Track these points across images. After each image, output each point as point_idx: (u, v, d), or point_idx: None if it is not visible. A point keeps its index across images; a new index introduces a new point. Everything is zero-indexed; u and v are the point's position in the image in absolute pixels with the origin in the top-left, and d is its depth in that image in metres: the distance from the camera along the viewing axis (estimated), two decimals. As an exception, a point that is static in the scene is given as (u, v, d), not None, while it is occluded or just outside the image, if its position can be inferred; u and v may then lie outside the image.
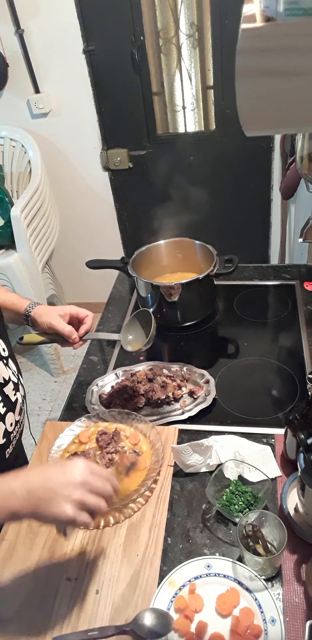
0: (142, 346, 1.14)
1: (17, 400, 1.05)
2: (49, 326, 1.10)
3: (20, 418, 1.07)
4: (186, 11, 2.29)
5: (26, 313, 1.12)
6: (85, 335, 1.14)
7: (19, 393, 1.06)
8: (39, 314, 1.11)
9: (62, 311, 1.12)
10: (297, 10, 0.46)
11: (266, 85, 0.50)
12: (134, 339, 1.18)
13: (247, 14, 0.51)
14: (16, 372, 1.08)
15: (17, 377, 1.07)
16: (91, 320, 1.15)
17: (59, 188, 2.81)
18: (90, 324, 1.14)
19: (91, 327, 1.15)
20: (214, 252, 1.44)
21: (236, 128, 0.80)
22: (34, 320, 1.12)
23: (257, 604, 0.79)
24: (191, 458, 1.00)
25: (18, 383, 1.07)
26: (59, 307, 1.13)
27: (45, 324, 1.10)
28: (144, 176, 2.70)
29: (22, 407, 1.08)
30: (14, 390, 1.04)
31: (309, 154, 1.22)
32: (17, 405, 1.04)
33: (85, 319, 1.14)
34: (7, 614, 0.82)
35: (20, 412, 1.07)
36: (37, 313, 1.11)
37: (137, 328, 1.18)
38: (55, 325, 1.09)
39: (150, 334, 1.13)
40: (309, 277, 1.59)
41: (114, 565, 0.87)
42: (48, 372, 2.89)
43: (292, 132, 1.98)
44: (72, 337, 1.10)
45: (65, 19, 2.33)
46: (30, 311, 1.12)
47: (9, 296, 1.16)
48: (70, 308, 1.14)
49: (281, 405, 1.16)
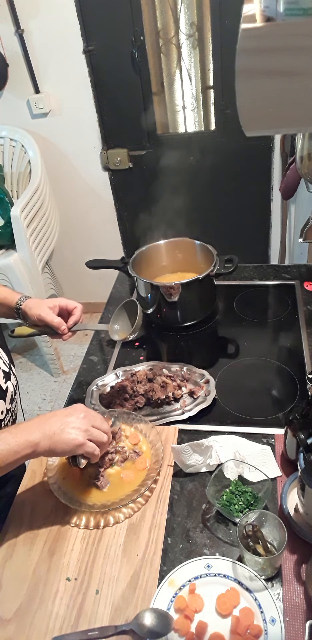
0: (128, 335, 1.16)
1: (8, 389, 1.05)
2: (38, 318, 1.11)
3: (12, 407, 1.08)
4: (185, 11, 2.29)
5: (17, 306, 1.14)
6: (74, 327, 1.15)
7: (10, 382, 1.07)
8: (29, 306, 1.13)
9: (51, 303, 1.14)
10: (297, 10, 0.46)
11: (266, 85, 0.50)
12: (121, 328, 1.20)
13: (247, 14, 0.51)
14: (7, 362, 1.09)
15: (8, 367, 1.08)
16: (80, 311, 1.16)
17: (59, 188, 2.81)
18: (79, 316, 1.16)
19: (80, 318, 1.16)
20: (214, 252, 1.44)
21: (236, 128, 0.80)
22: (25, 313, 1.13)
23: (257, 604, 0.78)
24: (191, 458, 1.00)
25: (9, 372, 1.08)
26: (49, 300, 1.15)
27: (35, 316, 1.11)
28: (144, 176, 2.70)
29: (14, 396, 1.09)
30: (4, 378, 1.04)
31: (309, 154, 1.22)
32: (7, 394, 1.05)
33: (74, 311, 1.16)
34: (7, 614, 0.82)
35: (12, 401, 1.07)
36: (27, 306, 1.13)
37: (124, 318, 1.21)
38: (45, 317, 1.11)
39: (136, 324, 1.15)
40: (309, 277, 1.59)
41: (114, 565, 0.87)
42: (48, 372, 2.89)
43: (292, 132, 1.98)
44: (61, 328, 1.12)
45: (65, 19, 2.33)
46: (21, 304, 1.14)
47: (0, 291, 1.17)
48: (60, 300, 1.15)
49: (281, 405, 1.16)
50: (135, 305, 1.17)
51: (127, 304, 1.21)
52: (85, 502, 0.96)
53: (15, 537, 0.93)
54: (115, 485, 0.99)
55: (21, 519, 0.96)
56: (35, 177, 2.56)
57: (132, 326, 1.16)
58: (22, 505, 0.99)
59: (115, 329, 1.20)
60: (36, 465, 1.07)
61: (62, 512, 0.96)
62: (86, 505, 0.95)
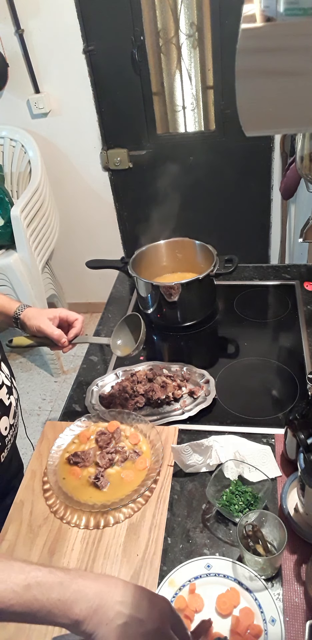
0: (131, 351, 1.13)
1: (11, 404, 1.04)
2: (37, 329, 1.07)
3: (15, 421, 1.07)
4: (185, 11, 2.29)
5: (15, 316, 1.10)
6: (74, 339, 1.12)
7: (12, 397, 1.05)
8: (28, 316, 1.09)
9: (51, 314, 1.10)
10: (297, 10, 0.46)
11: (266, 85, 0.50)
12: (123, 343, 1.17)
13: (247, 14, 0.51)
14: (9, 376, 1.07)
15: (10, 381, 1.07)
16: (81, 323, 1.12)
17: (59, 188, 2.81)
18: (79, 328, 1.12)
19: (81, 330, 1.12)
20: (214, 252, 1.44)
21: (236, 128, 0.80)
22: (24, 323, 1.09)
23: (257, 604, 0.78)
24: (191, 458, 1.00)
25: (11, 387, 1.06)
26: (49, 310, 1.11)
27: (34, 327, 1.07)
28: (144, 176, 2.70)
29: (16, 410, 1.08)
30: (8, 394, 1.03)
31: (309, 154, 1.22)
32: (11, 409, 1.04)
33: (75, 323, 1.12)
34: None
35: (15, 416, 1.06)
36: (26, 316, 1.09)
37: (126, 333, 1.17)
38: (44, 329, 1.07)
39: (139, 339, 1.12)
40: (309, 277, 1.59)
41: (114, 565, 0.87)
42: (48, 372, 2.89)
43: (292, 132, 1.98)
44: (61, 340, 1.08)
45: (65, 19, 2.33)
46: (19, 314, 1.09)
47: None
48: (60, 311, 1.11)
49: (281, 405, 1.16)
50: (138, 319, 1.14)
51: (129, 318, 1.18)
52: (85, 502, 0.96)
53: (15, 537, 0.93)
54: (115, 485, 0.99)
55: (21, 519, 0.96)
56: (35, 177, 2.56)
57: (136, 341, 1.13)
58: (22, 505, 0.99)
59: (117, 344, 1.17)
60: (36, 465, 1.07)
61: (62, 512, 0.96)
62: (86, 505, 0.95)
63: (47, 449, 1.09)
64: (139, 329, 1.13)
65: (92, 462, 1.04)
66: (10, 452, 1.05)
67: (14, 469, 1.15)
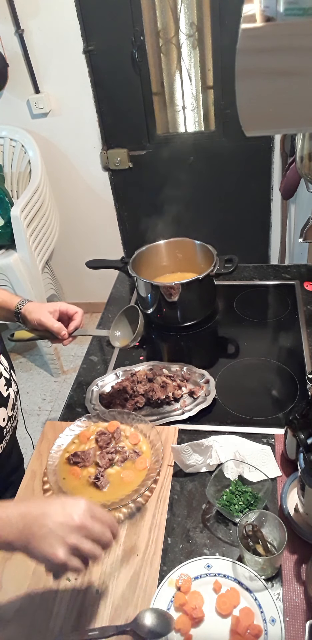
0: (129, 342, 1.15)
1: (10, 396, 1.05)
2: (38, 322, 1.10)
3: (13, 413, 1.08)
4: (185, 11, 2.29)
5: (17, 310, 1.13)
6: (74, 332, 1.14)
7: (11, 389, 1.06)
8: (29, 310, 1.12)
9: (51, 308, 1.13)
10: (297, 10, 0.46)
11: (266, 85, 0.50)
12: (122, 335, 1.19)
13: (247, 14, 0.51)
14: (8, 368, 1.09)
15: (9, 373, 1.08)
16: (81, 317, 1.16)
17: (59, 188, 2.81)
18: (79, 321, 1.15)
19: (81, 323, 1.16)
20: (214, 252, 1.44)
21: (236, 128, 0.80)
22: (25, 317, 1.12)
23: (257, 604, 0.79)
24: (191, 458, 1.00)
25: (10, 379, 1.08)
26: (49, 304, 1.14)
27: (34, 320, 1.10)
28: (144, 176, 2.70)
29: (15, 402, 1.09)
30: (6, 385, 1.04)
31: (309, 154, 1.22)
32: (9, 401, 1.04)
33: (75, 316, 1.15)
34: (7, 614, 0.82)
35: (13, 408, 1.07)
36: (27, 310, 1.12)
37: (125, 324, 1.20)
38: (45, 322, 1.10)
39: (137, 330, 1.14)
40: (309, 277, 1.59)
41: (114, 565, 0.87)
42: (48, 372, 2.89)
43: (292, 132, 1.98)
44: (61, 333, 1.11)
45: (65, 19, 2.33)
46: (20, 308, 1.12)
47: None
48: (60, 305, 1.15)
49: (281, 405, 1.16)
50: (136, 311, 1.16)
51: (127, 310, 1.20)
52: (85, 502, 0.96)
53: (15, 537, 0.93)
54: (115, 485, 0.99)
55: (21, 519, 0.96)
56: (35, 177, 2.56)
57: (134, 333, 1.15)
58: (22, 505, 0.99)
59: (116, 335, 1.19)
60: (36, 465, 1.07)
61: (62, 512, 0.96)
62: (86, 505, 0.95)
63: (47, 449, 1.09)
64: (136, 321, 1.15)
65: (92, 462, 1.04)
66: (9, 444, 1.06)
67: (14, 462, 1.17)
